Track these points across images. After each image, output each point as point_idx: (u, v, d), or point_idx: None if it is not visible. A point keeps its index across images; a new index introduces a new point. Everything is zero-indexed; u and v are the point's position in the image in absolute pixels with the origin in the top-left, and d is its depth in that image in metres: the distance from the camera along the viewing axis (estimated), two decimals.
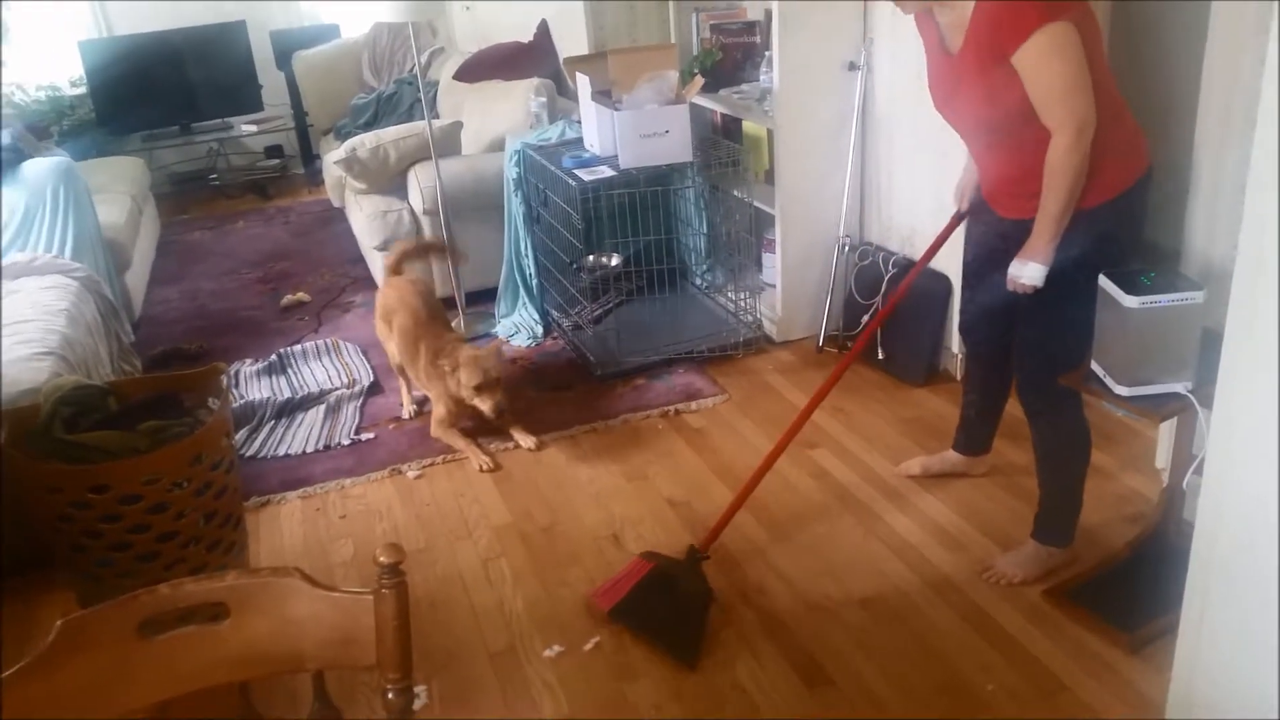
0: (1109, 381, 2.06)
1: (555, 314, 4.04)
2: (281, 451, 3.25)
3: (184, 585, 1.20)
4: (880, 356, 3.45)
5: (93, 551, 2.26)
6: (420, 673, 2.24)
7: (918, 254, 3.38)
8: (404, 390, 3.46)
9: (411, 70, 5.51)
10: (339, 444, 3.28)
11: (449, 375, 3.12)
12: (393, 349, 3.39)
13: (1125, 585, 2.32)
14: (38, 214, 3.92)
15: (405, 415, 3.41)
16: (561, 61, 4.63)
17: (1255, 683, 1.70)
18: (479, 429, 3.25)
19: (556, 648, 2.31)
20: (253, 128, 6.63)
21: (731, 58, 3.93)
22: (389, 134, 4.19)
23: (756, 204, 3.67)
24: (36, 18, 6.15)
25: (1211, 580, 1.76)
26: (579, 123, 3.88)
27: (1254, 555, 1.66)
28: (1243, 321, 1.58)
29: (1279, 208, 1.48)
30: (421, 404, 3.43)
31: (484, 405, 3.09)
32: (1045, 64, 1.95)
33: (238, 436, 3.28)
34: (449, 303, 4.14)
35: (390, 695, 1.22)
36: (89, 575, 2.31)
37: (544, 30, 5.05)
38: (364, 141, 4.15)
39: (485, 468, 3.07)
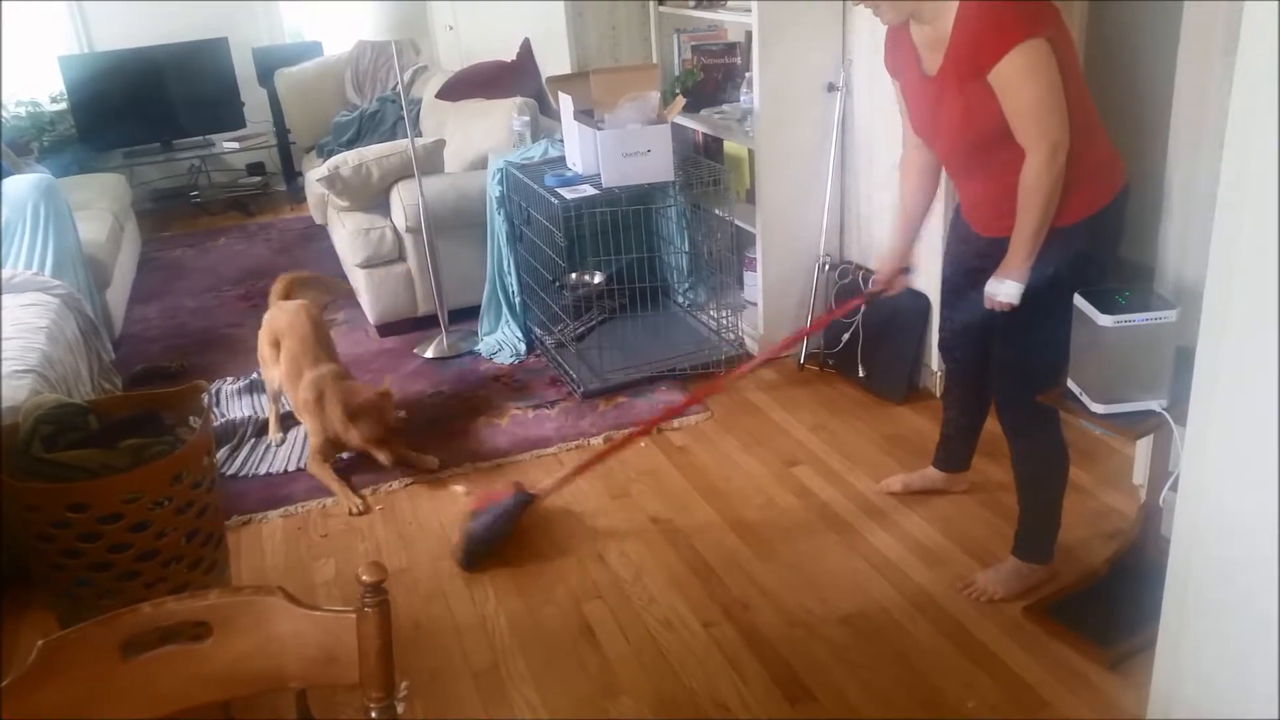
0: (1086, 399, 2.09)
1: (538, 331, 4.04)
2: (263, 470, 3.24)
3: (166, 604, 1.20)
4: (861, 374, 3.47)
5: (72, 571, 2.24)
6: None
7: None
8: (272, 414, 3.46)
9: (394, 88, 5.52)
10: None
11: (321, 404, 3.08)
12: (273, 374, 3.34)
13: (1104, 601, 2.34)
14: (18, 231, 3.89)
15: (272, 439, 3.40)
16: (544, 81, 4.65)
17: (1233, 697, 1.72)
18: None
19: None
20: (235, 145, 6.61)
21: (712, 78, 3.97)
22: (371, 152, 4.20)
23: (738, 223, 3.69)
24: (16, 32, 6.12)
25: (1188, 596, 1.78)
26: (561, 141, 3.90)
27: (1229, 571, 1.68)
28: (1213, 339, 1.61)
29: (1248, 226, 1.51)
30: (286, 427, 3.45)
31: (354, 440, 3.04)
32: (1021, 81, 1.98)
33: (219, 455, 3.27)
34: (431, 321, 4.14)
35: (373, 714, 1.22)
36: (69, 595, 2.29)
37: (526, 49, 5.07)
38: (346, 159, 4.15)
39: (355, 510, 2.99)
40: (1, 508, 2.25)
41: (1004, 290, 2.15)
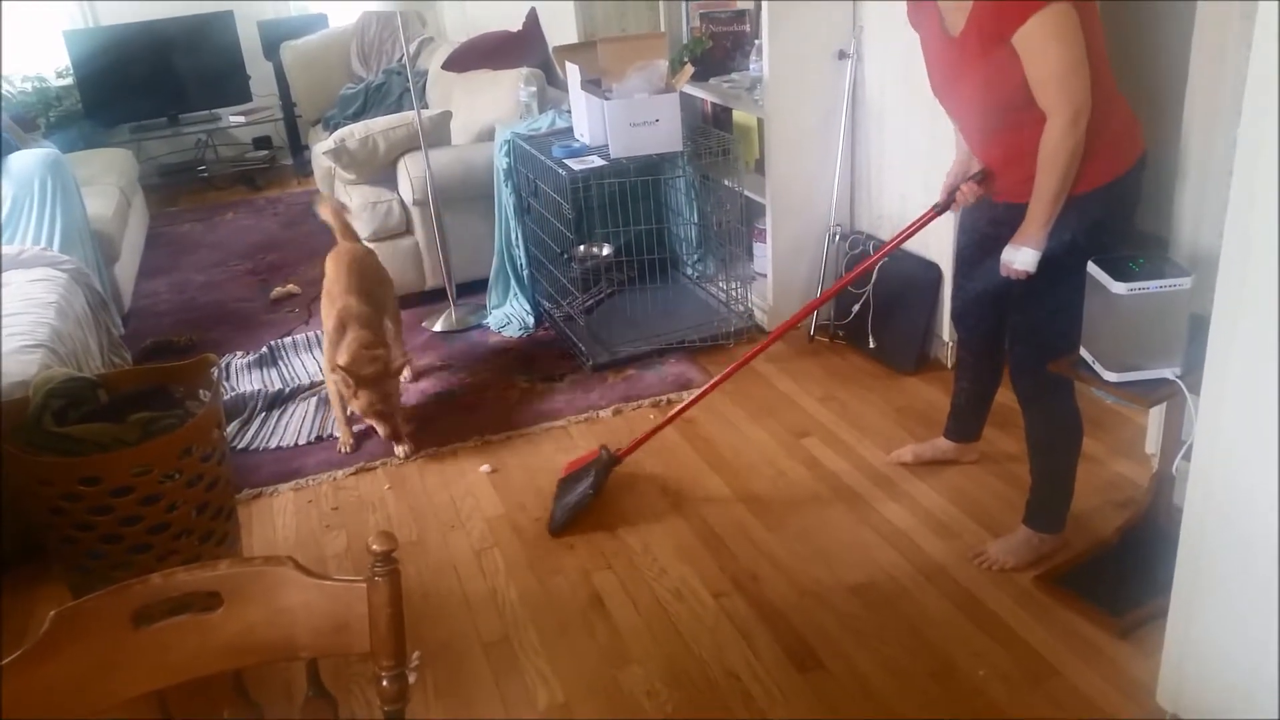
0: (1098, 368, 2.07)
1: (546, 304, 4.03)
2: (273, 444, 3.25)
3: (176, 574, 1.20)
4: (871, 345, 3.46)
5: (84, 544, 2.25)
6: None
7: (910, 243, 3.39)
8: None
9: (400, 60, 5.48)
10: (331, 435, 3.27)
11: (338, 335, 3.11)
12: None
13: (1115, 570, 2.34)
14: (25, 206, 3.90)
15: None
16: (551, 50, 4.61)
17: (1245, 665, 1.72)
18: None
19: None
20: (241, 119, 6.59)
21: (721, 46, 3.92)
22: (378, 124, 4.18)
23: (747, 193, 3.67)
24: (21, 7, 6.09)
25: (1200, 564, 1.77)
26: (569, 112, 3.87)
27: (1242, 539, 1.67)
28: (1229, 307, 1.59)
29: (1265, 194, 1.48)
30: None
31: (348, 397, 3.04)
32: (1045, 46, 1.95)
33: (229, 429, 3.27)
34: (439, 294, 4.13)
35: (384, 683, 1.22)
36: (81, 568, 2.31)
37: (533, 19, 5.02)
38: (353, 132, 4.14)
39: (341, 449, 3.16)
40: (11, 481, 2.26)
41: (1021, 258, 2.13)
